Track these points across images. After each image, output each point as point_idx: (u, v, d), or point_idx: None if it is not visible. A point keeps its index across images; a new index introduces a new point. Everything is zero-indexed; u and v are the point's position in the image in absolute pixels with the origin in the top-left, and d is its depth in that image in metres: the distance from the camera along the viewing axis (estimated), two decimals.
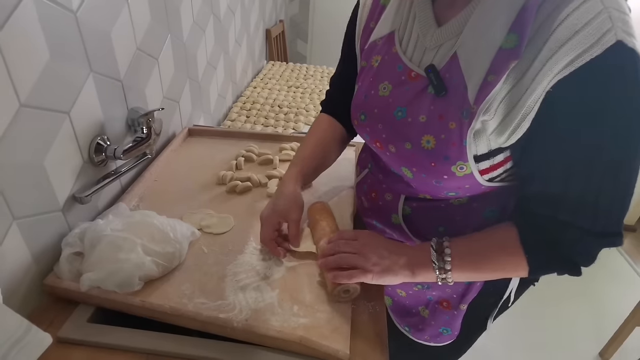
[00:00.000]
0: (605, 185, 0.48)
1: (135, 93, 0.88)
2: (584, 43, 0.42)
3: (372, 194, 0.73)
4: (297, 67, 2.27)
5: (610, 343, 1.69)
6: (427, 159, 0.56)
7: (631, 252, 2.43)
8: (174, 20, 1.04)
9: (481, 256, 0.58)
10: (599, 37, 0.42)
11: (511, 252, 0.55)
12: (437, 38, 0.54)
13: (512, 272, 0.58)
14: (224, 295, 0.64)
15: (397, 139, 0.59)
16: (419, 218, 0.67)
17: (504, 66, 0.46)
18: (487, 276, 0.60)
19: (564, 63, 0.43)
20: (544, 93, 0.45)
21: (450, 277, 0.58)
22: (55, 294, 0.63)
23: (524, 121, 0.47)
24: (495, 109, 0.48)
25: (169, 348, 0.57)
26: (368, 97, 0.63)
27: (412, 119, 0.56)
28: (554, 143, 0.48)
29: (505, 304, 0.73)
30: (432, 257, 0.59)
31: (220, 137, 1.16)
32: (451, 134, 0.52)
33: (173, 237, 0.69)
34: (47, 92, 0.61)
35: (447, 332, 0.75)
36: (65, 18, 0.63)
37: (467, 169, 0.54)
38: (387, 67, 0.61)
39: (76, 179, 0.71)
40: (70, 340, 0.57)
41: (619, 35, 0.42)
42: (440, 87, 0.53)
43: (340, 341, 0.58)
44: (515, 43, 0.45)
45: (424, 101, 0.55)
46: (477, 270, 0.59)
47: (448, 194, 0.61)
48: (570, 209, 0.50)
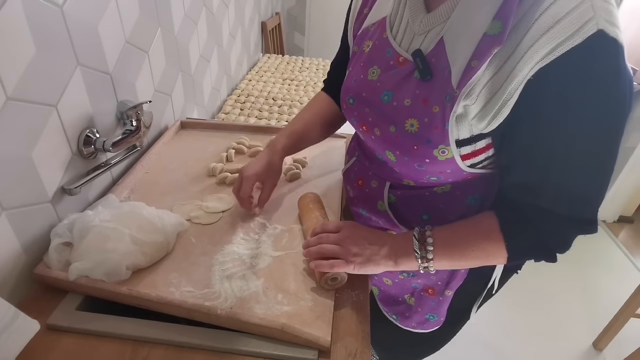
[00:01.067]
0: (582, 173, 0.49)
1: (125, 86, 0.88)
2: (565, 32, 0.42)
3: (359, 181, 0.75)
4: (293, 59, 2.27)
5: (604, 333, 1.71)
6: (410, 142, 0.57)
7: (628, 244, 2.43)
8: (164, 14, 1.05)
9: (462, 244, 0.59)
10: (580, 26, 0.42)
11: (492, 240, 0.57)
12: (425, 23, 0.55)
13: (492, 259, 0.59)
14: (210, 284, 0.65)
15: (383, 122, 0.60)
16: (403, 205, 0.68)
17: (487, 52, 0.47)
18: (468, 264, 0.62)
19: (545, 51, 0.43)
20: (524, 80, 0.45)
21: (432, 265, 0.60)
22: (45, 282, 0.64)
23: (504, 108, 0.48)
24: (478, 94, 0.49)
25: (154, 335, 0.59)
26: (357, 82, 0.65)
27: (397, 102, 0.58)
28: (533, 131, 0.48)
29: (490, 291, 0.74)
30: (415, 247, 0.60)
31: (212, 129, 1.17)
32: (434, 117, 0.53)
33: (161, 228, 0.70)
34: (34, 85, 0.62)
35: (434, 318, 0.76)
36: (51, 12, 0.64)
37: (448, 153, 0.54)
38: (377, 52, 0.62)
39: (65, 171, 0.72)
40: (59, 327, 0.59)
41: (600, 24, 0.42)
42: (425, 72, 0.54)
43: (322, 328, 0.59)
44: (499, 30, 0.46)
45: (410, 85, 0.56)
46: (458, 258, 0.60)
47: (430, 179, 0.62)
48: (550, 196, 0.51)
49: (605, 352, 1.72)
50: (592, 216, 0.52)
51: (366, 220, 0.76)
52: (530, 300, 1.96)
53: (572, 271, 2.15)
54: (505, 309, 1.89)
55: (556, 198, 0.51)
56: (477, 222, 0.60)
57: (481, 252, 0.58)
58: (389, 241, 0.63)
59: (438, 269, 0.61)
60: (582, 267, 2.19)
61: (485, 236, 0.58)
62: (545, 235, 0.54)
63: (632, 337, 1.64)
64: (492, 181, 0.61)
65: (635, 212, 2.64)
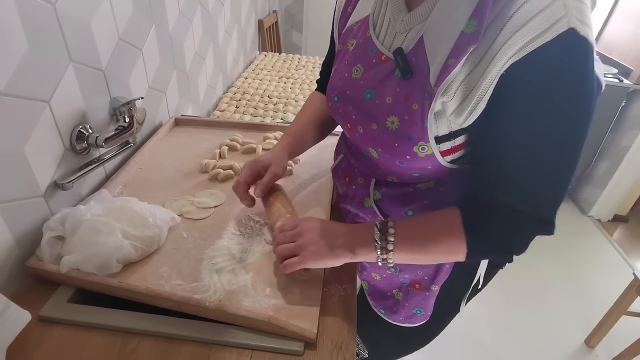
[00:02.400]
0: (546, 170, 0.50)
1: (118, 83, 0.89)
2: (537, 29, 0.43)
3: (346, 178, 0.76)
4: (290, 57, 2.28)
5: (596, 331, 1.72)
6: (391, 139, 0.58)
7: (622, 243, 2.45)
8: (158, 11, 1.05)
9: (424, 237, 0.58)
10: (552, 24, 0.43)
11: (453, 234, 0.56)
12: (406, 22, 0.56)
13: (452, 254, 0.58)
14: (200, 278, 0.66)
15: (365, 119, 0.61)
16: (389, 202, 0.69)
17: (464, 50, 0.48)
18: (427, 258, 0.61)
19: (517, 47, 0.44)
20: (498, 75, 0.47)
21: (391, 257, 0.59)
22: (37, 275, 0.65)
23: (479, 103, 0.49)
24: (454, 91, 0.50)
25: (144, 326, 0.60)
26: (342, 80, 0.66)
27: (379, 100, 0.59)
28: (502, 125, 0.49)
29: (475, 286, 0.75)
30: (375, 237, 0.59)
31: (206, 126, 1.18)
32: (414, 115, 0.54)
33: (152, 222, 0.71)
34: (26, 81, 0.63)
35: (421, 312, 0.77)
36: (44, 9, 0.65)
37: (428, 150, 0.55)
38: (361, 50, 0.63)
39: (58, 166, 0.73)
40: (51, 318, 0.60)
41: (571, 23, 0.43)
42: (406, 70, 0.55)
43: (309, 321, 0.61)
44: (475, 28, 0.47)
45: (392, 83, 0.57)
46: (418, 251, 0.59)
47: (412, 175, 0.63)
48: (513, 192, 0.52)
49: (597, 349, 1.74)
50: (552, 216, 0.53)
51: (353, 217, 0.77)
52: (523, 297, 1.98)
53: (567, 269, 2.17)
54: (498, 306, 1.90)
55: (520, 194, 0.52)
56: (440, 216, 0.59)
57: (442, 247, 0.57)
58: (346, 232, 0.63)
59: (397, 262, 0.60)
60: (576, 266, 2.21)
61: (448, 230, 0.57)
62: (506, 232, 0.54)
63: (623, 335, 1.65)
64: None
65: (630, 211, 2.65)
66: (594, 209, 2.61)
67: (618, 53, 2.47)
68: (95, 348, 0.57)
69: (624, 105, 2.36)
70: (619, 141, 2.45)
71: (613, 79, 2.29)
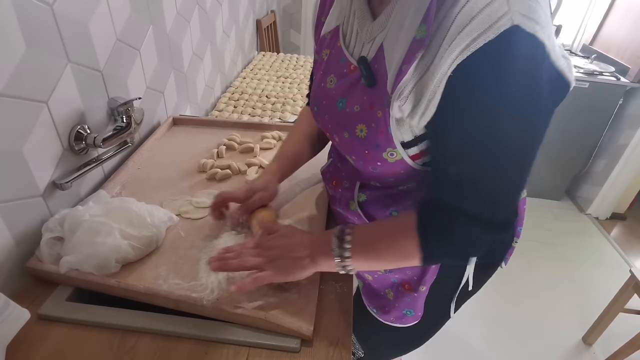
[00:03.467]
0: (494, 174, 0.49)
1: (116, 83, 0.90)
2: (480, 27, 0.42)
3: (333, 181, 0.77)
4: (288, 57, 2.28)
5: (594, 328, 1.73)
6: (362, 146, 0.58)
7: (620, 240, 2.46)
8: (155, 11, 1.06)
9: (379, 242, 0.58)
10: (493, 22, 0.42)
11: (407, 237, 0.56)
12: (371, 31, 0.56)
13: (408, 259, 0.57)
14: (198, 277, 0.67)
15: (339, 128, 0.62)
16: (373, 204, 0.70)
17: (413, 56, 0.47)
18: (385, 263, 0.60)
19: (460, 48, 0.43)
20: (445, 77, 0.46)
21: (350, 264, 0.59)
22: (37, 275, 0.66)
23: (429, 106, 0.48)
24: (407, 95, 0.50)
25: (142, 324, 0.60)
26: (318, 89, 0.66)
27: (349, 109, 0.59)
28: (450, 127, 0.48)
29: (466, 289, 0.75)
30: (333, 245, 0.59)
31: (204, 126, 1.19)
32: (379, 122, 0.54)
33: (150, 222, 0.72)
34: (24, 82, 0.64)
35: (411, 313, 0.77)
36: (42, 10, 0.66)
37: (397, 155, 0.56)
38: (333, 60, 0.64)
39: (56, 166, 0.73)
40: (50, 317, 0.61)
41: (515, 20, 0.41)
42: (369, 78, 0.55)
43: (305, 318, 0.61)
44: (424, 33, 0.47)
45: (358, 92, 0.57)
46: (374, 257, 0.59)
47: (388, 180, 0.63)
48: (462, 195, 0.51)
49: (594, 346, 1.75)
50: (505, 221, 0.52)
51: (344, 219, 0.78)
52: (521, 295, 1.99)
53: (565, 267, 2.18)
54: (495, 303, 1.91)
55: (466, 196, 0.51)
56: (397, 220, 0.59)
57: (396, 250, 0.57)
58: (310, 242, 0.62)
59: (358, 269, 0.60)
60: (574, 264, 2.21)
61: (402, 233, 0.57)
62: (455, 234, 0.53)
63: (621, 332, 1.66)
64: None
65: (628, 209, 2.66)
66: (591, 207, 2.62)
67: (615, 51, 2.47)
68: (94, 346, 0.58)
69: (621, 103, 2.36)
70: (616, 139, 2.45)
71: (610, 77, 2.29)
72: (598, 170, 2.59)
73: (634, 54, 2.30)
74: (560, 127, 2.40)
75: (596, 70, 2.32)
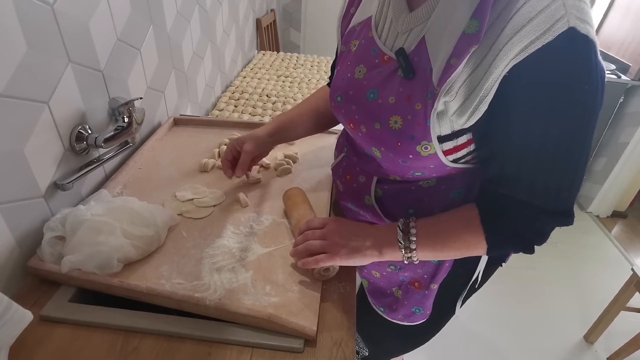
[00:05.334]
0: (555, 166, 0.51)
1: (117, 83, 0.90)
2: (538, 30, 0.44)
3: (347, 176, 0.76)
4: (288, 56, 2.28)
5: (595, 326, 1.73)
6: (394, 138, 0.58)
7: (621, 238, 2.46)
8: (156, 11, 1.06)
9: (444, 235, 0.61)
10: (552, 24, 0.43)
11: (472, 231, 0.59)
12: (408, 23, 0.57)
13: (473, 249, 0.61)
14: (200, 276, 0.67)
15: (368, 119, 0.62)
16: (390, 199, 0.70)
17: (465, 50, 0.48)
18: (450, 254, 0.63)
19: (518, 49, 0.45)
20: (500, 77, 0.47)
21: (415, 255, 0.62)
22: (39, 275, 0.66)
23: (481, 104, 0.49)
24: (457, 91, 0.50)
25: (145, 325, 0.60)
26: (345, 80, 0.66)
27: (382, 100, 0.59)
28: (509, 126, 0.50)
29: (474, 285, 0.76)
30: (399, 237, 0.62)
31: (205, 126, 1.18)
32: (417, 114, 0.55)
33: (152, 222, 0.72)
34: (25, 82, 0.63)
35: (420, 311, 0.77)
36: (42, 10, 0.65)
37: (431, 149, 0.56)
38: (363, 50, 0.64)
39: (57, 167, 0.73)
40: (52, 318, 0.61)
41: (571, 22, 0.43)
42: (408, 70, 0.55)
43: (308, 318, 0.61)
44: (476, 29, 0.47)
45: (394, 83, 0.58)
46: (440, 248, 0.61)
47: (415, 174, 0.63)
48: (524, 188, 0.53)
49: (596, 344, 1.75)
50: (567, 208, 0.54)
51: (354, 215, 0.78)
52: (523, 293, 1.99)
53: (566, 265, 2.18)
54: (498, 302, 1.91)
55: (530, 190, 0.53)
56: (459, 213, 0.62)
57: (462, 243, 0.60)
58: (373, 232, 0.65)
59: (422, 259, 0.63)
60: (575, 262, 2.21)
61: (466, 227, 0.59)
62: (521, 226, 0.56)
63: (622, 330, 1.67)
64: (475, 175, 0.62)
65: (629, 207, 2.66)
66: (592, 205, 2.62)
67: (616, 49, 2.47)
68: (97, 347, 0.58)
69: (622, 101, 2.36)
70: (617, 137, 2.45)
71: (611, 75, 2.29)
72: (599, 168, 2.59)
73: (635, 52, 2.30)
74: None
75: None
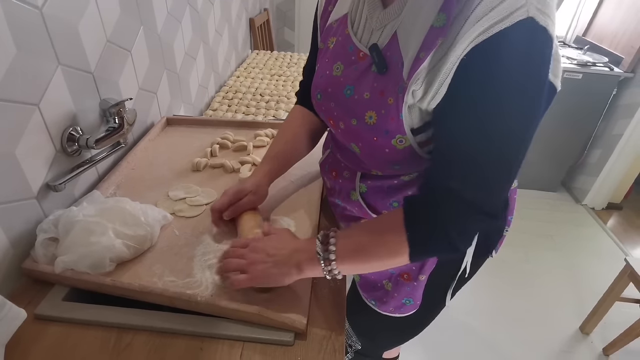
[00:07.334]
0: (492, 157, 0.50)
1: (108, 85, 0.90)
2: (497, 16, 0.44)
3: (333, 172, 0.77)
4: (282, 55, 2.28)
5: (590, 317, 1.74)
6: (370, 133, 0.59)
7: (616, 230, 2.47)
8: (145, 12, 1.06)
9: (364, 241, 0.58)
10: (511, 12, 0.44)
11: (393, 232, 0.55)
12: (381, 19, 0.58)
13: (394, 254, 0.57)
14: (192, 274, 0.68)
15: (346, 115, 0.63)
16: (374, 194, 0.71)
17: (433, 43, 0.49)
18: (373, 264, 0.59)
19: (477, 33, 0.45)
20: (458, 60, 0.48)
21: (336, 268, 0.58)
22: (33, 276, 0.67)
23: (441, 87, 0.50)
24: (423, 80, 0.51)
25: (138, 322, 0.61)
26: (323, 77, 0.67)
27: (358, 96, 0.60)
28: (457, 109, 0.50)
29: (462, 276, 0.76)
30: (317, 249, 0.59)
31: (197, 125, 1.19)
32: (390, 109, 0.56)
33: (144, 221, 0.72)
34: (15, 85, 0.64)
35: (410, 302, 0.78)
36: (31, 14, 0.66)
37: (406, 142, 0.57)
38: (340, 48, 0.65)
39: (49, 168, 0.74)
40: (46, 317, 0.62)
41: (531, 12, 0.43)
42: (381, 65, 0.56)
43: (298, 312, 0.62)
44: (443, 22, 0.48)
45: (369, 79, 0.59)
46: (361, 258, 0.58)
47: (394, 168, 0.64)
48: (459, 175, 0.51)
49: (592, 335, 1.76)
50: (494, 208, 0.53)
51: (342, 210, 0.79)
52: (518, 285, 2.00)
53: (561, 257, 2.19)
54: (493, 295, 1.93)
55: (465, 178, 0.51)
56: (382, 218, 0.60)
57: (383, 247, 0.57)
58: (294, 247, 0.63)
59: (344, 272, 0.60)
60: (571, 254, 2.23)
61: (388, 229, 0.57)
62: (446, 220, 0.53)
63: (617, 321, 1.68)
64: None
65: (624, 199, 2.67)
66: (587, 198, 2.64)
67: (608, 42, 2.48)
68: (90, 344, 0.59)
69: (615, 93, 2.37)
70: (610, 129, 2.46)
71: (604, 67, 2.30)
72: (593, 160, 2.60)
73: (627, 44, 2.31)
74: (554, 119, 2.41)
75: (589, 61, 2.32)
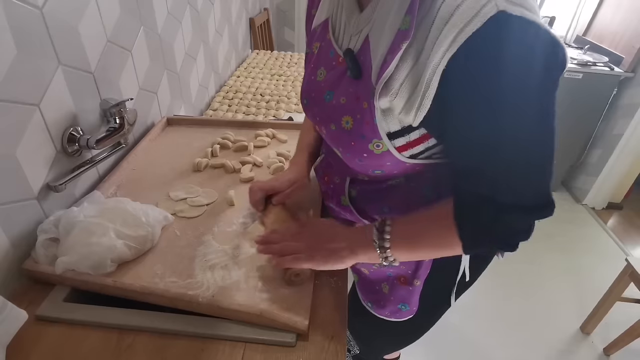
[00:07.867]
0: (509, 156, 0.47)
1: (108, 85, 0.90)
2: (465, 18, 0.42)
3: (325, 177, 0.77)
4: (282, 55, 2.28)
5: (591, 317, 1.74)
6: (348, 138, 0.59)
7: (617, 230, 2.47)
8: (146, 12, 1.06)
9: (419, 232, 0.59)
10: (478, 10, 0.41)
11: (445, 227, 0.55)
12: (358, 24, 0.57)
13: (448, 247, 0.57)
14: (193, 274, 0.67)
15: (327, 120, 0.63)
16: (363, 199, 0.70)
17: (397, 47, 0.48)
18: (427, 253, 0.61)
19: (449, 40, 0.43)
20: (438, 71, 0.45)
21: (390, 255, 0.59)
22: (34, 276, 0.67)
23: (425, 99, 0.48)
24: (398, 89, 0.50)
25: (139, 323, 0.61)
26: (309, 83, 0.67)
27: (335, 101, 0.60)
28: (456, 119, 0.48)
29: (463, 281, 0.75)
30: (374, 236, 0.59)
31: (198, 125, 1.19)
32: (364, 113, 0.55)
33: (145, 222, 0.72)
34: (16, 85, 0.64)
35: (405, 307, 0.77)
36: (31, 14, 0.66)
37: (383, 147, 0.56)
38: (323, 53, 0.64)
39: (50, 169, 0.74)
40: (47, 317, 0.62)
41: (500, 6, 0.41)
42: (355, 70, 0.55)
43: (300, 313, 0.62)
44: (408, 25, 0.47)
45: (345, 84, 0.58)
46: (415, 247, 0.59)
47: (375, 172, 0.63)
48: (487, 183, 0.50)
49: (592, 335, 1.76)
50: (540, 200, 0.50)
51: (337, 214, 0.78)
52: (519, 285, 2.00)
53: (562, 257, 2.19)
54: (494, 294, 1.92)
55: (492, 184, 0.49)
56: (434, 210, 0.59)
57: (437, 240, 0.57)
58: (348, 233, 0.64)
59: (399, 259, 0.60)
60: (571, 254, 2.23)
61: (440, 223, 0.56)
62: (490, 223, 0.52)
63: (618, 321, 1.67)
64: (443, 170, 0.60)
65: (624, 198, 2.67)
66: (588, 197, 2.63)
67: (609, 41, 2.48)
68: (92, 345, 0.59)
69: (615, 93, 2.37)
70: (611, 129, 2.46)
71: (604, 67, 2.30)
72: (593, 160, 2.60)
73: (628, 43, 2.30)
74: None
75: (590, 61, 2.32)
